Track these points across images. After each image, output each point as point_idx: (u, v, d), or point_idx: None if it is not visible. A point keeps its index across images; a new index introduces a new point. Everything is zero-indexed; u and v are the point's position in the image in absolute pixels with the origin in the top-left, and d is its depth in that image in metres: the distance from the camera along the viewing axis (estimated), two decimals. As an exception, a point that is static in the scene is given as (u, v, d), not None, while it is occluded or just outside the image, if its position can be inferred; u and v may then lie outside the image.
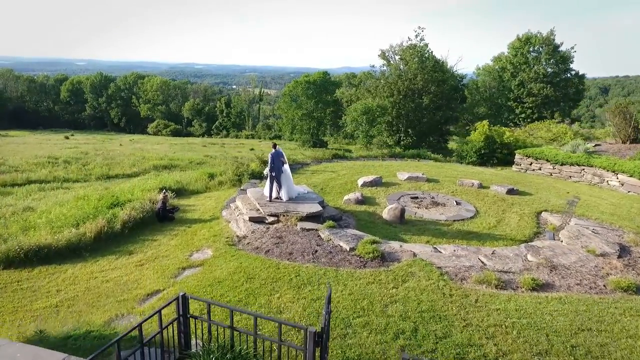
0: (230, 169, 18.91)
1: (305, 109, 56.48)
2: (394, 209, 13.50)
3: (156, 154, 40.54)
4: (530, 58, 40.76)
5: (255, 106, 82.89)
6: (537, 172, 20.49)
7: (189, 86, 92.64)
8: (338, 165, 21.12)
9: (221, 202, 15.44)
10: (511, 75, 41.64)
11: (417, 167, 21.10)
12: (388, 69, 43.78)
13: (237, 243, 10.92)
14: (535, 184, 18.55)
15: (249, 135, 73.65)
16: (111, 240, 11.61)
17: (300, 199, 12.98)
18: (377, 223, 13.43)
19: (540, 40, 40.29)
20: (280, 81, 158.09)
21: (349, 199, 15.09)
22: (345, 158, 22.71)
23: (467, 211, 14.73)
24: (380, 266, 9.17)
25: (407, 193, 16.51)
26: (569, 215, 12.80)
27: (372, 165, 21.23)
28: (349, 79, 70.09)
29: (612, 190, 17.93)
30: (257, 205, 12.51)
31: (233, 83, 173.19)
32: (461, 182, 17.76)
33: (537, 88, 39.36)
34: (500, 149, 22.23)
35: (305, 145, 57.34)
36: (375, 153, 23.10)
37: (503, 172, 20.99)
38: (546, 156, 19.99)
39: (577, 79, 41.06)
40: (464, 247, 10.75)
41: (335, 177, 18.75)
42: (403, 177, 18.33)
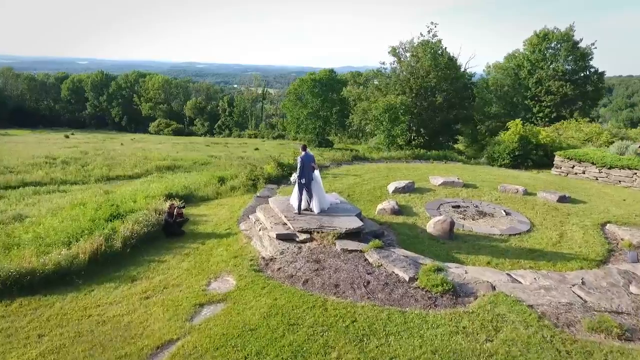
0: (244, 172, 16.75)
1: (311, 108, 54.33)
2: (441, 221, 11.36)
3: (158, 154, 38.35)
4: (548, 55, 38.59)
5: (258, 105, 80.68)
6: (581, 176, 18.37)
7: (191, 85, 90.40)
8: (360, 168, 18.98)
9: (236, 212, 13.29)
10: (528, 73, 39.45)
11: (447, 170, 18.97)
12: (399, 66, 41.61)
13: (265, 268, 8.76)
14: (583, 189, 16.44)
15: (252, 135, 71.47)
16: (110, 262, 9.44)
17: (333, 211, 10.84)
18: (422, 238, 11.31)
19: (558, 37, 38.11)
20: (281, 80, 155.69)
21: (383, 209, 12.95)
22: (367, 160, 20.58)
23: (521, 223, 12.61)
24: (455, 304, 7.05)
25: (446, 201, 14.38)
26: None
27: (397, 168, 19.09)
28: (354, 78, 67.97)
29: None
30: (284, 219, 10.36)
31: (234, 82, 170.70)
32: (503, 188, 15.63)
33: (555, 86, 37.19)
34: (535, 151, 20.15)
35: (310, 145, 55.27)
36: (398, 154, 21.00)
37: (542, 175, 18.88)
38: (591, 158, 17.87)
39: (596, 77, 38.92)
40: (543, 273, 8.61)
41: (361, 182, 16.61)
42: (437, 182, 16.20)
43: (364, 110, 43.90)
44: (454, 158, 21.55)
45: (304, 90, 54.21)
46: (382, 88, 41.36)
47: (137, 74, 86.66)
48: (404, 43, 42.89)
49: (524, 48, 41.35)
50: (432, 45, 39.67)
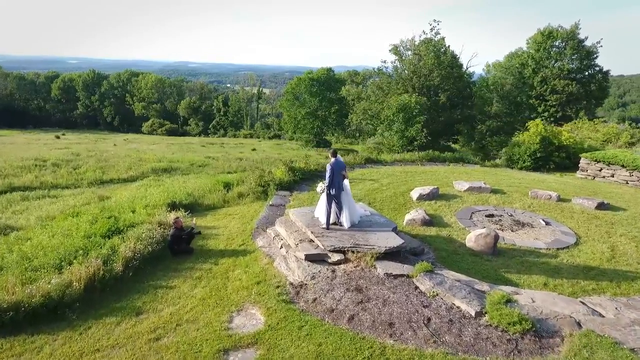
0: (252, 177, 15.25)
1: (308, 107, 52.84)
2: (484, 235, 10.01)
3: (153, 155, 36.59)
4: (553, 53, 37.57)
5: (253, 105, 78.91)
6: (609, 179, 17.18)
7: (184, 84, 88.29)
8: (375, 172, 17.58)
9: (249, 223, 11.83)
10: (533, 72, 38.41)
11: (467, 173, 17.67)
12: (401, 65, 40.31)
13: (296, 297, 7.32)
14: (618, 195, 15.22)
15: (247, 135, 69.78)
16: (109, 289, 7.92)
17: (364, 225, 9.43)
18: (462, 254, 9.95)
19: (563, 35, 37.10)
20: (275, 80, 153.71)
21: (413, 220, 11.57)
22: (380, 163, 19.20)
23: (565, 235, 11.32)
24: (542, 348, 5.69)
25: (477, 209, 13.04)
26: None
27: (414, 171, 17.73)
28: (351, 77, 66.61)
29: None
30: (311, 235, 8.92)
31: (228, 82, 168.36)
32: (535, 194, 14.34)
33: (561, 85, 36.18)
34: (557, 152, 18.93)
35: (308, 145, 53.84)
36: (412, 157, 19.66)
37: (568, 179, 17.66)
38: (621, 161, 16.69)
39: (601, 76, 38.01)
40: (624, 301, 7.29)
41: (379, 187, 15.22)
42: (462, 188, 14.87)
43: (364, 110, 42.65)
44: (470, 160, 20.27)
45: (302, 89, 52.71)
46: (384, 87, 40.10)
47: (129, 73, 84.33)
48: (405, 41, 41.62)
49: (528, 46, 40.32)
50: (435, 43, 38.45)
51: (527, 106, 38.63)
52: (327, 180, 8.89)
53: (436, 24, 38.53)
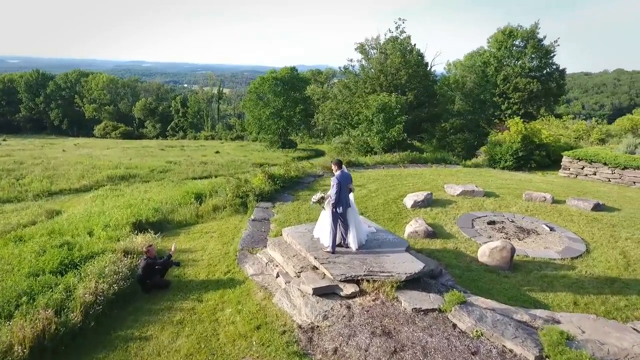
0: (228, 187, 13.51)
1: (273, 108, 51.00)
2: (499, 249, 8.96)
3: (108, 161, 33.57)
4: (515, 52, 38.04)
5: (213, 105, 75.77)
6: (591, 177, 16.90)
7: (139, 84, 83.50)
8: (359, 177, 16.33)
9: (231, 243, 10.21)
10: (495, 70, 38.73)
11: (453, 175, 16.81)
12: (368, 64, 39.49)
13: (309, 346, 5.86)
14: (604, 193, 14.83)
15: (208, 136, 66.80)
16: (65, 347, 6.11)
17: (373, 244, 8.10)
18: (477, 270, 8.87)
19: (524, 34, 37.64)
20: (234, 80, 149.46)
21: (415, 232, 10.39)
22: (362, 166, 17.97)
23: (573, 241, 10.55)
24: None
25: (476, 215, 12.08)
26: None
27: (399, 175, 16.65)
28: (314, 76, 65.32)
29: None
30: (314, 261, 7.47)
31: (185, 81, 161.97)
32: (529, 196, 13.61)
33: (523, 83, 36.65)
34: (537, 151, 18.53)
35: (273, 146, 52.01)
36: (392, 158, 18.60)
37: (552, 178, 17.23)
38: (603, 159, 16.42)
39: (558, 74, 38.94)
40: (679, 325, 6.41)
41: (368, 194, 13.98)
42: (455, 192, 13.91)
43: (331, 110, 41.48)
44: (452, 161, 19.51)
45: (265, 89, 50.81)
46: (351, 86, 39.13)
47: (78, 73, 78.60)
48: (370, 40, 40.87)
49: (489, 45, 40.68)
50: (401, 41, 37.92)
51: (491, 104, 38.91)
52: (334, 196, 7.46)
53: (401, 22, 38.00)
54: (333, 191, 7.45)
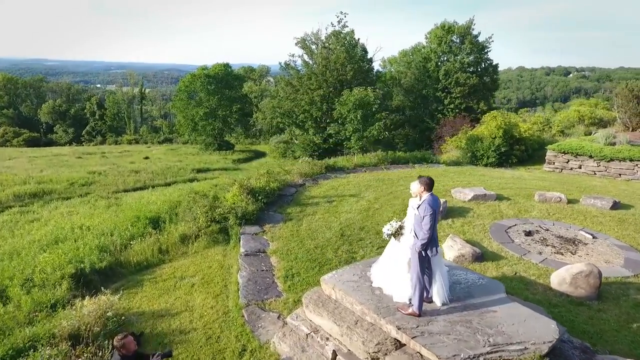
0: (198, 209, 10.16)
1: (206, 107, 46.42)
2: (585, 274, 7.01)
3: (13, 175, 27.26)
4: (454, 47, 38.08)
5: (135, 106, 68.17)
6: (577, 170, 16.12)
7: (44, 84, 72.59)
8: (346, 183, 13.79)
9: (226, 295, 7.16)
10: (436, 65, 38.51)
11: (444, 175, 14.97)
12: (311, 59, 37.08)
13: None
14: (599, 187, 13.92)
15: (132, 141, 59.74)
16: None
17: (459, 292, 5.60)
18: (561, 304, 6.86)
19: (461, 30, 37.81)
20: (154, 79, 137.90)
21: (461, 256, 8.14)
22: (342, 170, 15.44)
23: (625, 250, 9.09)
24: None
25: (505, 224, 10.18)
26: None
27: (387, 179, 14.40)
28: (247, 73, 61.33)
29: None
30: (396, 333, 4.78)
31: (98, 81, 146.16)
32: (543, 197, 12.12)
33: (463, 78, 36.78)
34: (517, 145, 17.50)
35: (209, 149, 47.44)
36: (371, 160, 16.37)
37: (540, 174, 16.18)
38: (589, 152, 15.68)
39: (491, 69, 39.83)
40: None
41: (369, 206, 11.50)
42: (466, 197, 11.98)
43: (273, 108, 38.46)
44: (432, 160, 17.78)
45: (197, 87, 46.08)
46: (294, 83, 36.46)
47: (-37, 72, 66.15)
48: (310, 35, 38.53)
49: (428, 41, 40.42)
50: (344, 35, 36.06)
51: (433, 99, 38.64)
52: (427, 233, 4.82)
53: (343, 16, 36.11)
54: (427, 224, 4.82)
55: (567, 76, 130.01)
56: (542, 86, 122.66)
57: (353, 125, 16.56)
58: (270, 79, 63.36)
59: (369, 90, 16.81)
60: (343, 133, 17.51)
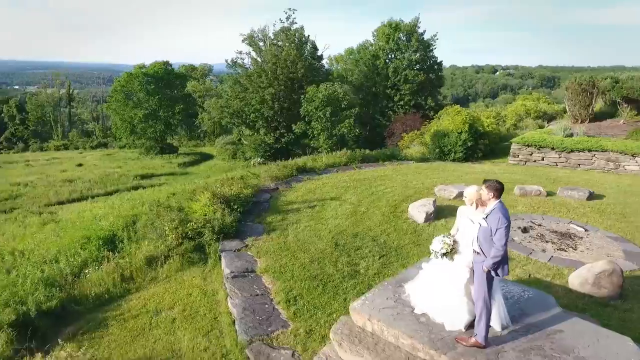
0: (166, 224, 8.61)
1: (146, 108, 43.04)
2: (608, 273, 6.64)
3: None
4: (402, 44, 38.41)
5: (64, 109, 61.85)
6: (540, 162, 16.40)
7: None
8: (322, 185, 12.76)
9: (219, 331, 5.91)
10: (384, 63, 38.62)
11: (419, 173, 14.48)
12: (260, 56, 35.53)
13: None
14: (567, 178, 14.16)
15: (60, 146, 54.19)
16: None
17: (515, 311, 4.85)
18: (588, 306, 6.43)
19: (407, 28, 38.25)
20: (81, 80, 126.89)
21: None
22: (313, 172, 14.39)
23: (618, 241, 9.05)
24: None
25: (499, 222, 9.79)
26: None
27: (364, 179, 13.59)
28: (188, 72, 57.93)
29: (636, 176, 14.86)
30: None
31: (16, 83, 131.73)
32: (523, 191, 11.97)
33: (411, 75, 37.22)
34: (482, 140, 17.54)
35: (150, 153, 44.09)
36: (340, 159, 15.52)
37: (508, 167, 16.23)
38: (551, 144, 16.00)
39: (436, 66, 40.77)
40: None
41: (354, 210, 10.57)
42: (451, 195, 11.47)
43: (221, 108, 36.46)
44: (401, 157, 17.29)
45: (135, 87, 42.58)
46: (243, 81, 34.79)
47: None
48: (257, 31, 36.93)
49: (375, 38, 40.47)
50: (294, 32, 34.95)
51: (383, 96, 38.74)
52: (501, 250, 3.97)
53: (292, 12, 34.98)
54: (500, 241, 3.96)
55: (495, 74, 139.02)
56: (473, 83, 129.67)
57: (321, 123, 15.60)
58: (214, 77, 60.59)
59: (337, 85, 15.97)
60: (310, 132, 16.48)
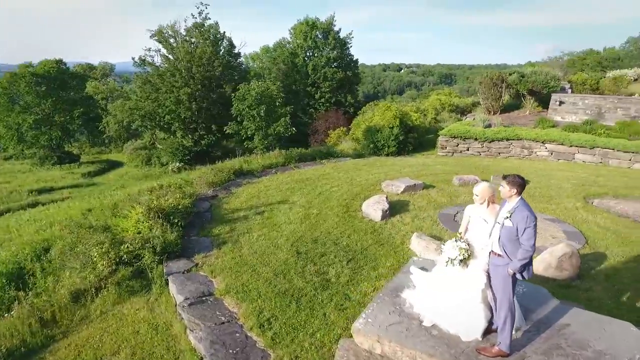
0: (95, 250, 7.10)
1: (37, 113, 37.63)
2: (568, 256, 6.90)
3: None
4: (319, 42, 38.47)
5: None
6: (465, 153, 17.29)
7: None
8: (264, 188, 11.86)
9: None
10: (304, 60, 38.39)
11: (359, 169, 14.24)
12: (173, 54, 33.00)
13: None
14: (493, 166, 15.10)
15: None
16: None
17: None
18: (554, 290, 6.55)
19: (324, 26, 38.43)
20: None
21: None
22: (251, 174, 13.35)
23: (555, 222, 9.66)
24: None
25: (449, 213, 9.90)
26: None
27: (306, 178, 12.97)
28: (86, 72, 51.93)
29: (546, 161, 16.39)
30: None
31: None
32: (462, 181, 12.38)
33: (330, 72, 37.53)
34: (411, 133, 17.94)
35: (46, 163, 38.81)
36: (277, 159, 14.73)
37: (440, 159, 16.79)
38: (474, 135, 16.95)
39: (353, 64, 41.64)
40: None
41: (305, 213, 9.92)
42: (398, 190, 11.38)
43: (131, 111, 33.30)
44: (338, 154, 17.01)
45: (21, 89, 36.98)
46: (154, 80, 32.08)
47: None
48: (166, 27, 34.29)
49: (293, 36, 40.07)
50: (208, 28, 33.07)
51: (304, 94, 38.54)
52: (531, 248, 3.66)
53: (204, 7, 33.00)
54: (530, 241, 3.64)
55: (400, 72, 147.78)
56: (382, 81, 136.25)
57: (255, 123, 14.63)
58: (117, 77, 55.27)
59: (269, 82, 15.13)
60: (243, 132, 15.40)
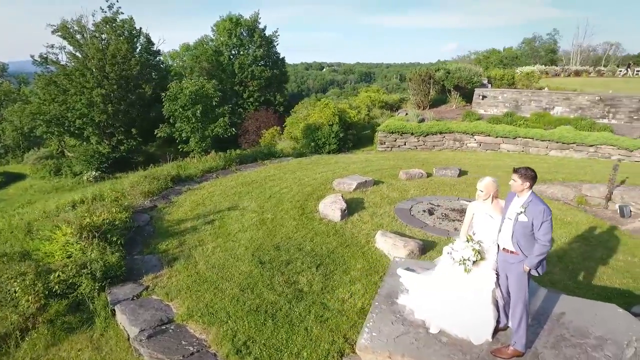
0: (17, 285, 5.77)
1: None
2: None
3: None
4: (244, 40, 37.25)
5: None
6: (403, 147, 17.69)
7: None
8: (209, 195, 10.91)
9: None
10: (229, 59, 36.91)
11: (305, 169, 13.82)
12: (81, 51, 29.71)
13: None
14: (431, 159, 15.62)
15: None
16: None
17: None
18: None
19: (249, 23, 37.28)
20: None
21: (412, 253, 7.25)
22: (192, 180, 12.20)
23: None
24: None
25: (403, 207, 9.92)
26: (612, 185, 10.40)
27: (252, 181, 12.23)
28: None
29: (475, 152, 17.40)
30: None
31: None
32: (409, 175, 12.55)
33: (258, 70, 36.57)
34: (350, 130, 17.88)
35: None
36: (217, 162, 13.74)
37: (382, 154, 16.90)
38: (410, 129, 17.39)
39: (280, 62, 41.06)
40: None
41: (259, 218, 9.29)
42: (350, 188, 11.18)
43: (33, 115, 29.49)
44: (279, 154, 16.38)
45: None
46: (60, 81, 28.66)
47: None
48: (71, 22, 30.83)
49: (216, 34, 38.40)
50: (122, 23, 30.32)
51: (232, 93, 37.14)
52: (548, 243, 3.52)
53: (115, 0, 30.19)
54: (547, 235, 3.49)
55: (322, 70, 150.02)
56: (305, 80, 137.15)
57: (190, 125, 13.46)
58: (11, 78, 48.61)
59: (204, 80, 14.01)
60: (177, 135, 14.09)
